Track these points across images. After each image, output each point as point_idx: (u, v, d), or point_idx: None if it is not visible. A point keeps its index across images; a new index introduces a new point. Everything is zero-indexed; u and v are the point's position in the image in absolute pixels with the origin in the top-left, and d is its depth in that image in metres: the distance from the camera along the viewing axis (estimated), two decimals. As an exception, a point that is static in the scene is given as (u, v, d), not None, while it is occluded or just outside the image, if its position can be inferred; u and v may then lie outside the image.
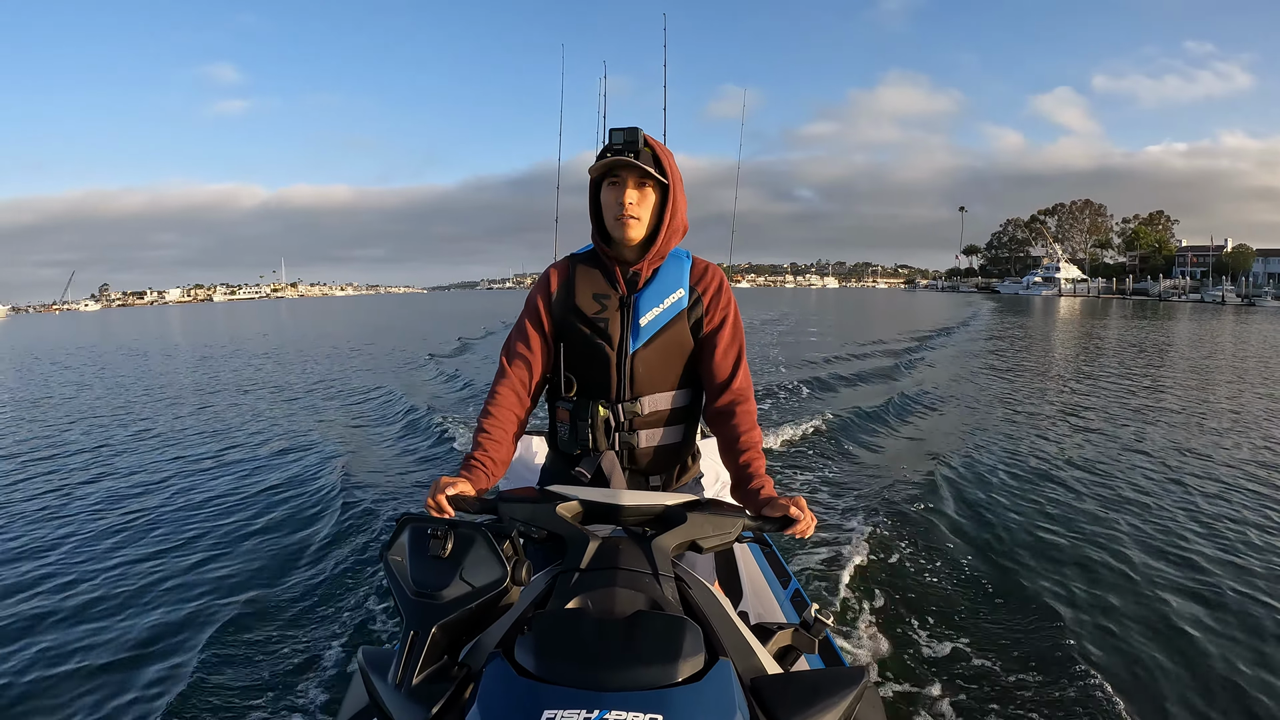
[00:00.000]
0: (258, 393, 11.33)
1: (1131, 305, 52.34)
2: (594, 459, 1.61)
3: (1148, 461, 6.15)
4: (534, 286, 1.73)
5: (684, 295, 1.65)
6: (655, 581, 1.19)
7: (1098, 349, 17.61)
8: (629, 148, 1.53)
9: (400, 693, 1.00)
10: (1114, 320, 32.63)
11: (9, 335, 38.17)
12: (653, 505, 1.35)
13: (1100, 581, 3.70)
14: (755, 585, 2.49)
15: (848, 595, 3.45)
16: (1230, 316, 37.04)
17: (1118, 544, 4.19)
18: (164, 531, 4.68)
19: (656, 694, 0.88)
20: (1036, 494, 5.18)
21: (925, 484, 5.25)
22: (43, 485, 5.96)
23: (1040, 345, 18.79)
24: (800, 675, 1.04)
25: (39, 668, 3.02)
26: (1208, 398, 9.52)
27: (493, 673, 0.95)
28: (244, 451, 7.01)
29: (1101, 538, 4.31)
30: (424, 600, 1.05)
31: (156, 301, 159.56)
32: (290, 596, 3.62)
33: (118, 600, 3.64)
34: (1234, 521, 4.58)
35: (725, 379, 1.65)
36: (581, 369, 1.64)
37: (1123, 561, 3.95)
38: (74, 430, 8.50)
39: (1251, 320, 33.24)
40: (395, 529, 1.14)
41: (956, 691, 2.68)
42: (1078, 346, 18.37)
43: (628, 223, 1.57)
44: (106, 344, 25.53)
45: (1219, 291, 59.57)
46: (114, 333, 36.20)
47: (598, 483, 1.59)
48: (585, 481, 1.59)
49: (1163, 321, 31.54)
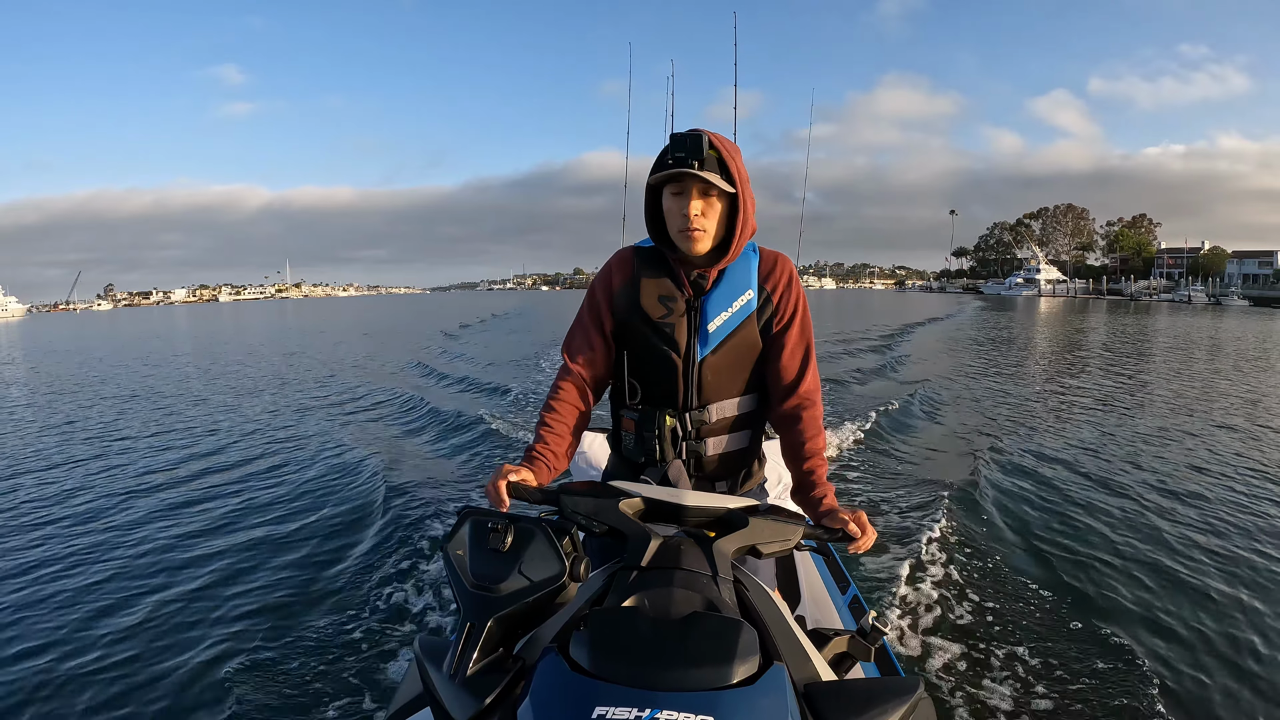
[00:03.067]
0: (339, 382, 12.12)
1: (1105, 305, 55.42)
2: (660, 469, 1.53)
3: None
4: (595, 279, 1.66)
5: (753, 296, 1.55)
6: (714, 583, 1.17)
7: (1065, 341, 20.35)
8: (692, 155, 1.40)
9: (454, 682, 1.02)
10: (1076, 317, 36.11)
11: (48, 334, 37.32)
12: (715, 507, 1.33)
13: (1176, 597, 3.52)
14: (813, 590, 2.46)
15: (907, 604, 3.38)
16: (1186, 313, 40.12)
17: (1194, 552, 4.04)
18: (228, 518, 4.86)
19: (709, 695, 0.88)
20: (1102, 498, 5.07)
21: (974, 487, 5.17)
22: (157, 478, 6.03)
23: (1007, 338, 21.55)
24: (854, 683, 1.03)
25: (109, 654, 3.08)
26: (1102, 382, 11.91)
27: (546, 667, 0.95)
28: (297, 445, 7.16)
29: (1175, 545, 4.17)
30: (482, 592, 1.06)
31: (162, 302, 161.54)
32: (347, 587, 3.69)
33: (182, 585, 3.76)
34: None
35: (792, 380, 1.57)
36: (647, 376, 1.57)
37: (1201, 574, 3.77)
38: (252, 423, 8.57)
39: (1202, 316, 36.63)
40: (456, 521, 1.15)
41: (1012, 707, 2.62)
42: (1048, 339, 21.00)
43: (694, 235, 1.47)
44: (173, 344, 24.70)
45: (1187, 292, 62.92)
46: (157, 331, 36.12)
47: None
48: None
49: (1131, 317, 35.26)
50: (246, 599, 3.58)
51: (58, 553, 4.30)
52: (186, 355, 19.34)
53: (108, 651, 3.13)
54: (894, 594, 3.45)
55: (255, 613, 3.44)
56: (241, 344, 23.20)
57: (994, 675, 2.83)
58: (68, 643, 3.21)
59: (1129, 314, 39.22)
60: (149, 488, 5.78)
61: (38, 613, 3.53)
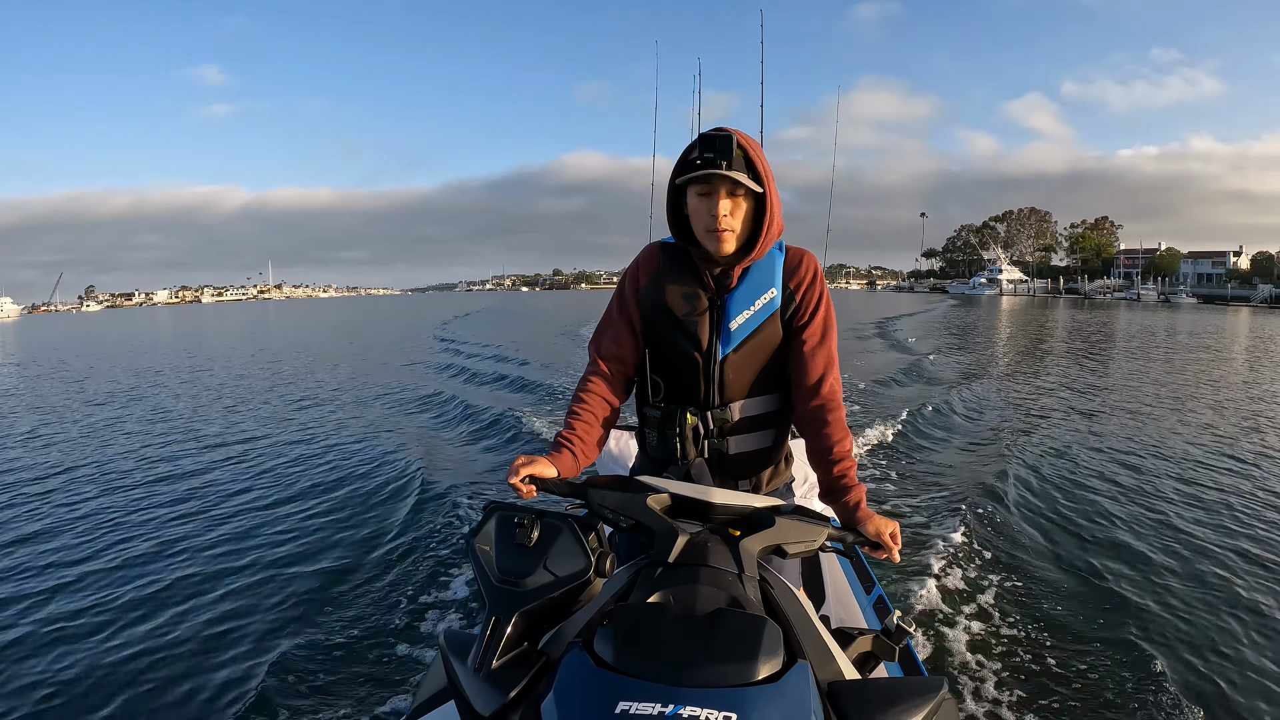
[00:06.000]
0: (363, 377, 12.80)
1: (1061, 302, 59.08)
2: (683, 467, 1.55)
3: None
4: (624, 275, 1.67)
5: (776, 295, 1.55)
6: (739, 581, 1.18)
7: (1034, 333, 23.15)
8: (722, 155, 1.40)
9: (478, 676, 1.03)
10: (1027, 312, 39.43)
11: (68, 334, 36.59)
12: (742, 506, 1.34)
13: (1204, 602, 3.50)
14: (838, 589, 2.46)
15: (931, 604, 3.38)
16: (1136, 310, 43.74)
17: (1227, 556, 4.02)
18: (257, 513, 4.97)
19: (732, 692, 0.88)
20: (1129, 498, 5.09)
21: (997, 487, 5.18)
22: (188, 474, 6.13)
23: (962, 327, 24.60)
24: (878, 682, 1.03)
25: (142, 642, 3.19)
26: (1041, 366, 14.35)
27: (570, 662, 0.96)
28: (324, 440, 7.33)
29: (1205, 547, 4.14)
30: (507, 587, 1.07)
31: (145, 303, 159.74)
32: (374, 580, 3.76)
33: (211, 580, 3.85)
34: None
35: (815, 382, 1.55)
36: (669, 374, 1.58)
37: (1232, 576, 3.76)
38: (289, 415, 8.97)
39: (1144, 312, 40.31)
40: (483, 516, 1.16)
41: (1035, 710, 2.61)
42: (1025, 334, 23.46)
43: (721, 236, 1.47)
44: (208, 345, 24.48)
45: (1137, 291, 66.87)
46: (167, 332, 36.11)
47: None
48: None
49: (1082, 312, 38.85)
50: (273, 592, 3.69)
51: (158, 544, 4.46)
52: (235, 353, 20.24)
53: (143, 644, 3.21)
54: (919, 594, 3.45)
55: (281, 605, 3.54)
56: (270, 344, 24.20)
57: (1017, 677, 2.81)
58: (111, 631, 3.34)
59: (1080, 310, 42.69)
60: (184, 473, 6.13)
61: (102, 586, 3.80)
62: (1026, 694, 2.73)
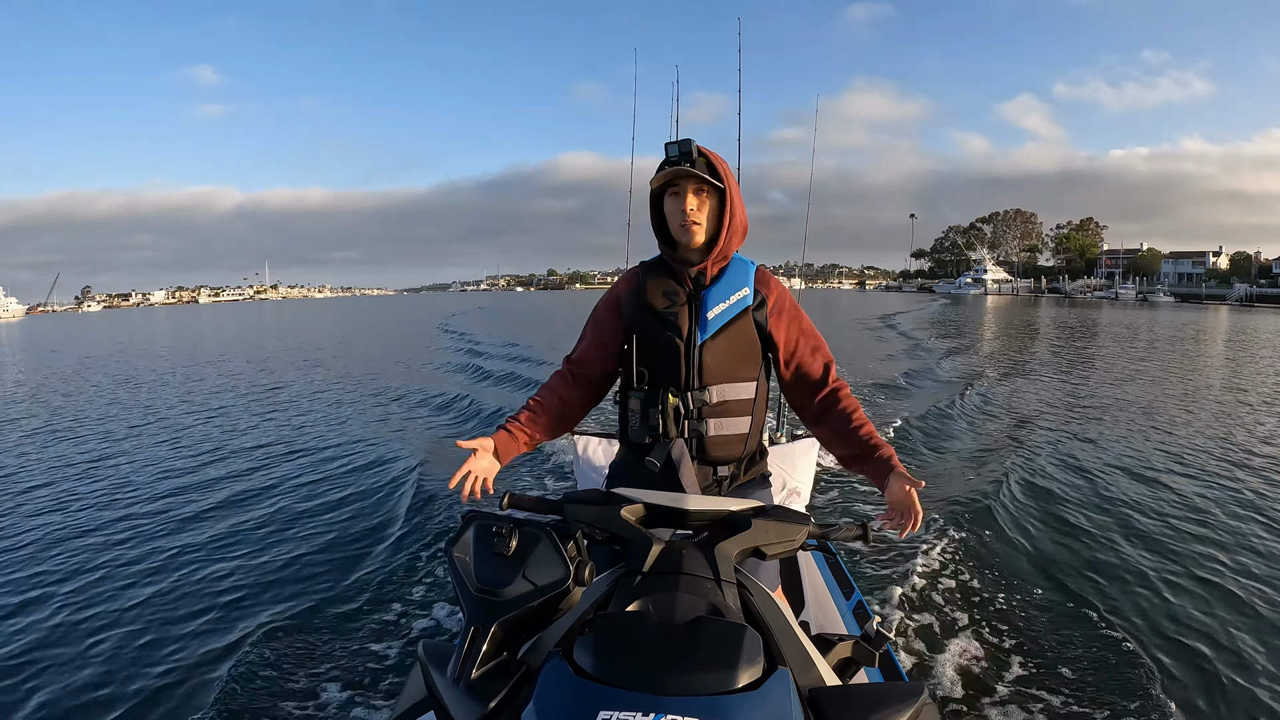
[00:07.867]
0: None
1: (1044, 301, 60.49)
2: (664, 447, 1.67)
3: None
4: (603, 298, 1.85)
5: (749, 294, 1.73)
6: (717, 587, 1.19)
7: (1016, 328, 24.83)
8: (684, 158, 1.63)
9: (458, 687, 1.02)
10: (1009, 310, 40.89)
11: (86, 335, 35.59)
12: (717, 510, 1.36)
13: (1186, 603, 3.50)
14: (818, 594, 2.47)
15: (911, 609, 3.38)
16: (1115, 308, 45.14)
17: (1211, 564, 3.96)
18: (242, 518, 4.91)
19: (713, 700, 0.88)
20: (1110, 502, 5.05)
21: (989, 493, 5.10)
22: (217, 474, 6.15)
23: (945, 321, 26.03)
24: (859, 688, 1.03)
25: (120, 647, 3.16)
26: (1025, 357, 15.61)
27: (550, 671, 0.96)
28: (318, 442, 7.32)
29: (1194, 554, 4.10)
30: (486, 597, 1.06)
31: (142, 304, 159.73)
32: (353, 588, 3.71)
33: (186, 586, 3.80)
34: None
35: (820, 377, 1.76)
36: (653, 360, 1.72)
37: (1217, 583, 3.71)
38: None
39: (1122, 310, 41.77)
40: (461, 525, 1.15)
41: (1017, 714, 2.63)
42: (1007, 330, 24.94)
43: (691, 229, 1.67)
44: (225, 344, 24.34)
45: (1116, 290, 68.62)
46: (172, 332, 35.69)
47: (668, 470, 1.65)
48: (655, 470, 1.64)
49: (1062, 310, 40.53)
50: (250, 599, 3.64)
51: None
52: (268, 349, 20.83)
53: (112, 642, 3.22)
54: (898, 599, 3.45)
55: (258, 613, 3.46)
56: (284, 342, 24.38)
57: (998, 682, 2.82)
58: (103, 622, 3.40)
59: (1060, 308, 44.10)
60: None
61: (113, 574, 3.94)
62: (1008, 699, 2.72)
